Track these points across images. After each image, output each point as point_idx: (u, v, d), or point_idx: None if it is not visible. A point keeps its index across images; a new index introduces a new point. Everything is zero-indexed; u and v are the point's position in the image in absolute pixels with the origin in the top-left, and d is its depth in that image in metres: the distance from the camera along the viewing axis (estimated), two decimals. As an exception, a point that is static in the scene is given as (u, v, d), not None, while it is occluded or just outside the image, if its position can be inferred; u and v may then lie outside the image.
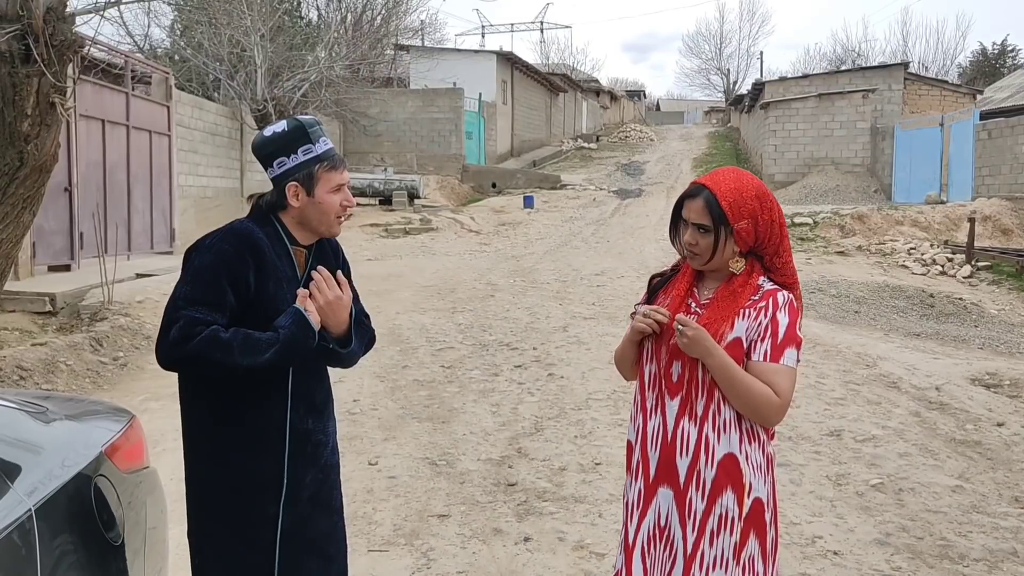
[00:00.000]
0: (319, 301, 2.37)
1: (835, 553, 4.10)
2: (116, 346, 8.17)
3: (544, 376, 7.47)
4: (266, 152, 2.43)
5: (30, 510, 1.77)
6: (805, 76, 29.36)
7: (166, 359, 2.26)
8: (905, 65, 29.80)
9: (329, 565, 2.47)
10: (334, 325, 2.42)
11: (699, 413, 2.24)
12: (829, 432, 5.98)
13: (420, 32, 37.03)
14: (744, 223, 2.24)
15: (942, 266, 14.68)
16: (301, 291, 2.36)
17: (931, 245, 15.84)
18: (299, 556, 2.39)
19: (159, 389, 6.69)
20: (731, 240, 2.26)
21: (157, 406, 6.33)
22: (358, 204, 22.04)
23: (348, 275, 2.60)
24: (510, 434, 5.91)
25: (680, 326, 2.20)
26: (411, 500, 4.73)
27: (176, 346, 2.22)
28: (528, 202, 23.86)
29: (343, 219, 2.48)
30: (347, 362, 2.55)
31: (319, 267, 2.44)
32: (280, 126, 2.44)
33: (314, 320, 2.32)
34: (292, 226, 2.45)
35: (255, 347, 2.24)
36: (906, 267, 14.90)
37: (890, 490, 4.92)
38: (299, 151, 2.40)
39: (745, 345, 2.23)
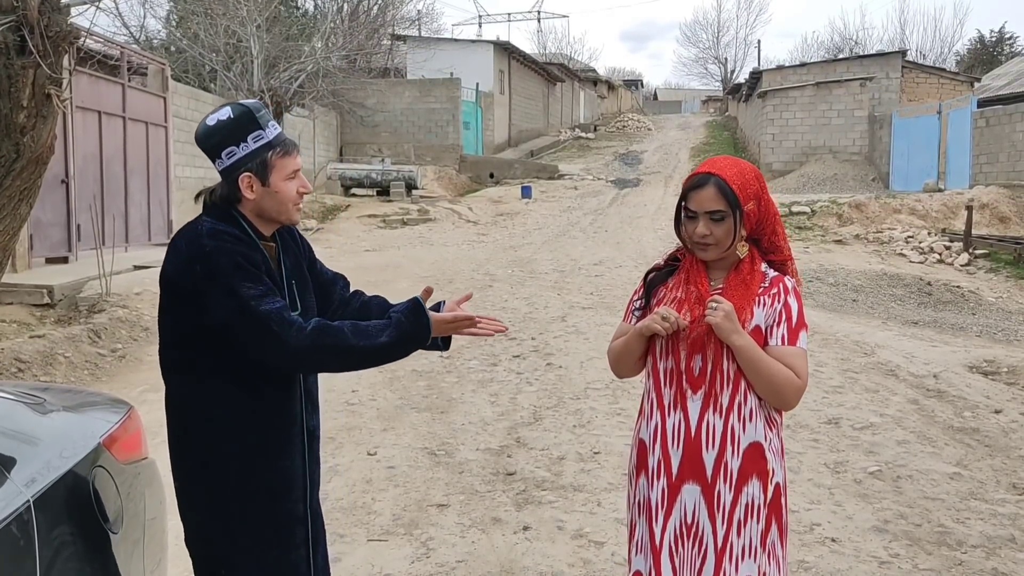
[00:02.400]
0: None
1: (833, 540, 4.11)
2: (114, 338, 8.17)
3: (543, 366, 7.48)
4: (213, 142, 2.25)
5: (28, 501, 1.77)
6: (803, 64, 29.33)
7: (298, 354, 2.15)
8: (903, 53, 29.77)
9: (324, 559, 2.50)
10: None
11: (724, 405, 2.23)
12: (827, 420, 5.99)
13: (416, 22, 36.90)
14: (751, 204, 2.25)
15: (940, 254, 14.68)
16: (428, 288, 2.39)
17: (929, 233, 15.85)
18: (320, 548, 2.41)
19: (158, 381, 6.64)
20: (742, 224, 2.26)
21: (156, 397, 6.29)
22: (356, 195, 22.04)
23: (310, 252, 2.55)
24: (509, 424, 5.92)
25: (713, 303, 2.20)
26: (410, 490, 4.74)
27: (301, 337, 2.13)
28: (526, 192, 23.84)
29: (299, 208, 2.38)
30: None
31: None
32: (224, 113, 2.25)
33: (431, 315, 2.30)
34: (252, 218, 2.31)
35: (363, 330, 2.20)
36: (904, 255, 14.91)
37: (888, 477, 4.93)
38: (249, 139, 2.23)
39: (763, 332, 2.24)
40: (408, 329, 2.25)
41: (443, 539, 4.11)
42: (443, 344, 2.45)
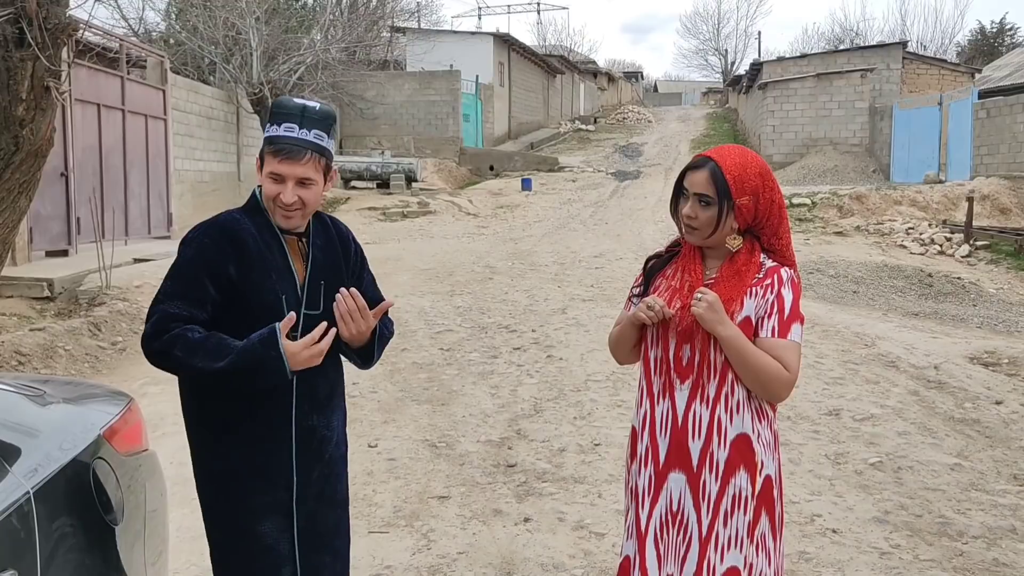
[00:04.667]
0: (349, 332, 2.32)
1: (834, 531, 4.11)
2: (115, 331, 8.17)
3: (543, 358, 7.48)
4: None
5: (28, 493, 1.76)
6: (803, 56, 29.34)
7: (144, 352, 2.32)
8: (903, 44, 29.76)
9: (335, 559, 2.47)
10: (357, 342, 2.40)
11: (711, 395, 2.23)
12: (828, 411, 5.99)
13: (416, 14, 36.91)
14: (746, 199, 2.23)
15: (940, 246, 14.67)
16: (291, 317, 2.26)
17: (929, 225, 15.83)
18: (311, 553, 2.39)
19: (158, 373, 6.63)
20: (731, 216, 2.24)
21: (156, 390, 6.32)
22: (356, 187, 22.00)
23: (363, 264, 2.59)
24: (509, 416, 5.92)
25: (698, 294, 2.20)
26: (411, 482, 4.74)
27: (147, 340, 2.28)
28: (526, 185, 23.80)
29: (287, 215, 2.34)
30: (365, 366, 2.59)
31: (351, 291, 2.33)
32: (291, 100, 2.40)
33: (284, 344, 2.21)
34: None
35: (218, 352, 2.20)
36: (904, 247, 14.89)
37: (889, 468, 4.93)
38: (269, 126, 2.38)
39: (754, 323, 2.23)
40: (254, 355, 2.20)
41: (444, 531, 4.12)
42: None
